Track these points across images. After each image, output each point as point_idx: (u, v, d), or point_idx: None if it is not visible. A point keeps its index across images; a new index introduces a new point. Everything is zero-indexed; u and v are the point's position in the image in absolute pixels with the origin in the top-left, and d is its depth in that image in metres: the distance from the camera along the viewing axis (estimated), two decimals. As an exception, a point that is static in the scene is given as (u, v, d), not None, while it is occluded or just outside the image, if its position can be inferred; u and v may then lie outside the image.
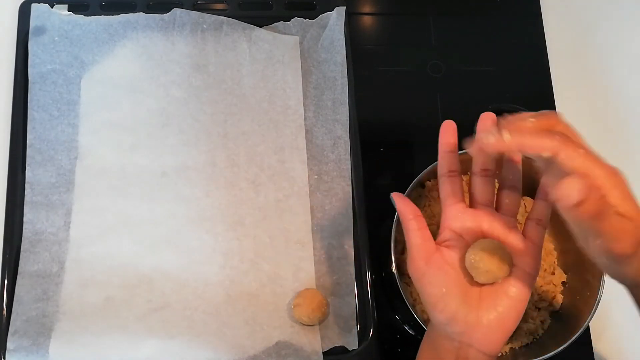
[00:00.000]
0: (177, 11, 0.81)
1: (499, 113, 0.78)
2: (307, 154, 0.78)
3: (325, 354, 0.69)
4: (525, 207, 0.75)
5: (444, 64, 0.88)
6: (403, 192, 0.70)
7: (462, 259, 0.57)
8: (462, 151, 0.74)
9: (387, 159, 0.83)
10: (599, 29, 0.93)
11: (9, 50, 0.79)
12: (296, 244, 0.74)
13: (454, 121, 0.85)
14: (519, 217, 0.75)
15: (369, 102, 0.83)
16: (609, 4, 0.94)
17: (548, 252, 0.76)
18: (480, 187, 0.59)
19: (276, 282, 0.73)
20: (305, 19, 0.83)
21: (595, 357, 0.76)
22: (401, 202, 0.60)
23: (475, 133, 0.76)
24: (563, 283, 0.74)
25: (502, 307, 0.55)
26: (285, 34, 0.83)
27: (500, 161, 0.76)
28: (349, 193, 0.76)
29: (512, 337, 0.72)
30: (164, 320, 0.69)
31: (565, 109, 0.87)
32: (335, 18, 0.82)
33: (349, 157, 0.77)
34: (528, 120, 0.52)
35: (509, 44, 0.91)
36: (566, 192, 0.46)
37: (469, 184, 0.61)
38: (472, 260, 0.56)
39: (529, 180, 0.76)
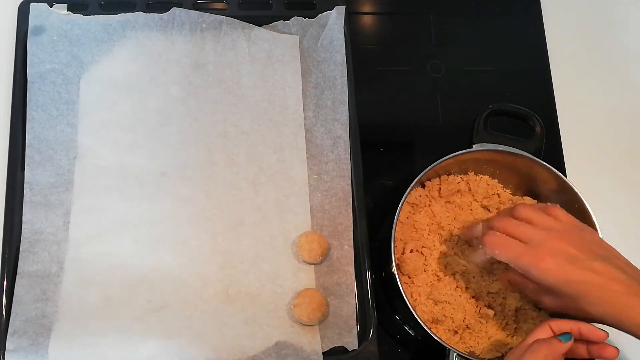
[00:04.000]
0: (176, 10, 0.81)
1: (499, 113, 0.78)
2: (306, 153, 0.78)
3: (325, 354, 0.69)
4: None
5: (444, 64, 0.88)
6: (403, 192, 0.71)
7: None
8: (462, 151, 0.74)
9: (387, 159, 0.83)
10: (599, 29, 0.93)
11: (8, 50, 0.79)
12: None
13: (454, 121, 0.85)
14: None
15: (369, 101, 0.83)
16: (609, 4, 0.94)
17: (548, 252, 0.76)
18: None
19: (276, 282, 0.72)
20: (305, 18, 0.82)
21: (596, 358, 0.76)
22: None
23: (475, 132, 0.76)
24: (563, 283, 0.74)
25: None
26: (284, 33, 0.82)
27: (498, 162, 0.76)
28: (348, 193, 0.76)
29: (513, 337, 0.72)
30: (163, 320, 0.69)
31: (565, 109, 0.87)
32: (335, 17, 0.81)
33: (348, 156, 0.77)
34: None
35: (510, 44, 0.91)
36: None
37: None
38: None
39: (529, 180, 0.76)
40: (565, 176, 0.76)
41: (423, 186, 0.77)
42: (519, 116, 0.77)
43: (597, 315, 0.61)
